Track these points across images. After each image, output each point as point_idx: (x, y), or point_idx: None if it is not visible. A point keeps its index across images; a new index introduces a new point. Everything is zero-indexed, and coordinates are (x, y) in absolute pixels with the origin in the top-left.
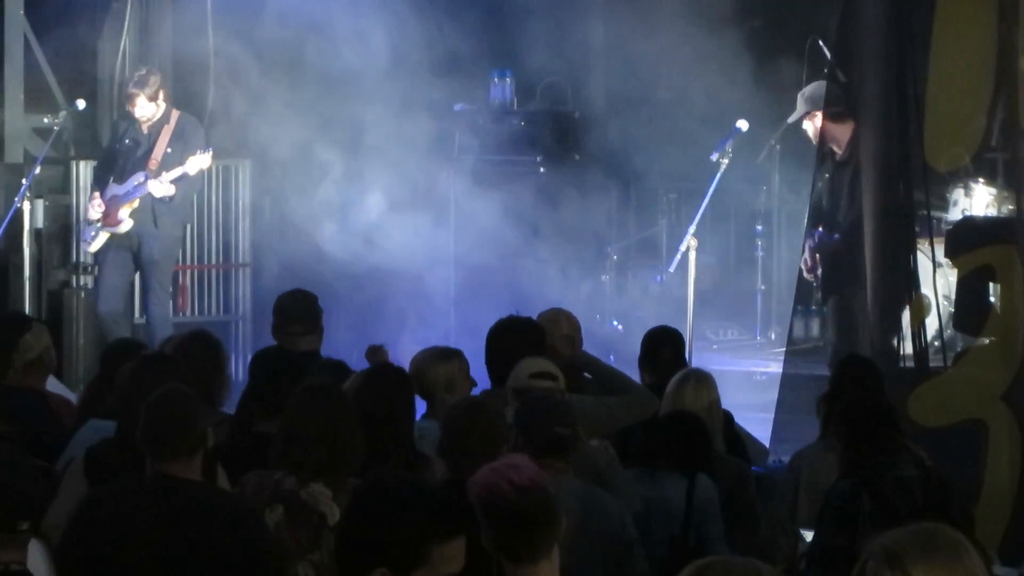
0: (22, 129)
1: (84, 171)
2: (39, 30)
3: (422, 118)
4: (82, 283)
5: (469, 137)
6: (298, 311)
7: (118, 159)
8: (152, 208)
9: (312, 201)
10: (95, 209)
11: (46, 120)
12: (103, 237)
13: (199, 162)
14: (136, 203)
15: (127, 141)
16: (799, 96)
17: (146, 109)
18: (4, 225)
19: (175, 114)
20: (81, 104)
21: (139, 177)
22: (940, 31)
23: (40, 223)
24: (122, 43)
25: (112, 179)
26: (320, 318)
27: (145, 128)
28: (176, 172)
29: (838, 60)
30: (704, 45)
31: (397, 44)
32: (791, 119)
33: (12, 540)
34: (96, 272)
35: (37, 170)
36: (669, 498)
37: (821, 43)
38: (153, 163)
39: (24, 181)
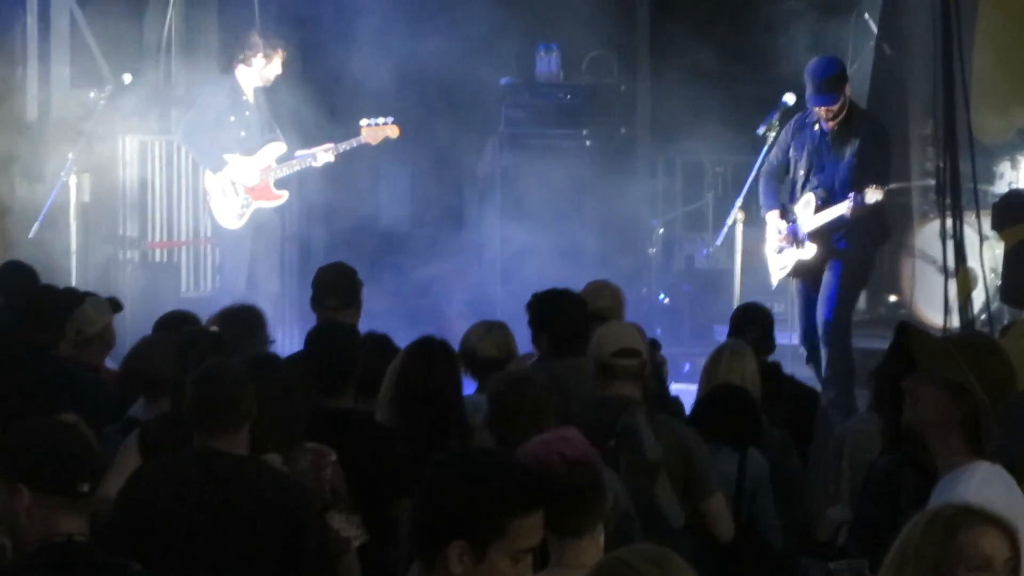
0: (69, 103)
1: (130, 145)
2: (85, 5)
3: (468, 92)
4: (128, 257)
5: (515, 111)
6: (334, 285)
7: (239, 130)
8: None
9: (358, 174)
10: (250, 176)
11: (92, 94)
12: (250, 211)
13: (380, 132)
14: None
15: (246, 113)
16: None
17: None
18: (51, 199)
19: None
20: (127, 78)
21: (277, 148)
22: (986, 6)
23: (86, 198)
24: (168, 17)
25: (238, 152)
26: (358, 293)
27: (252, 96)
28: (353, 142)
29: (884, 34)
30: (750, 18)
31: (445, 17)
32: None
33: (73, 505)
34: (225, 249)
35: (83, 145)
36: (721, 472)
37: (867, 16)
38: (277, 133)
39: (70, 155)
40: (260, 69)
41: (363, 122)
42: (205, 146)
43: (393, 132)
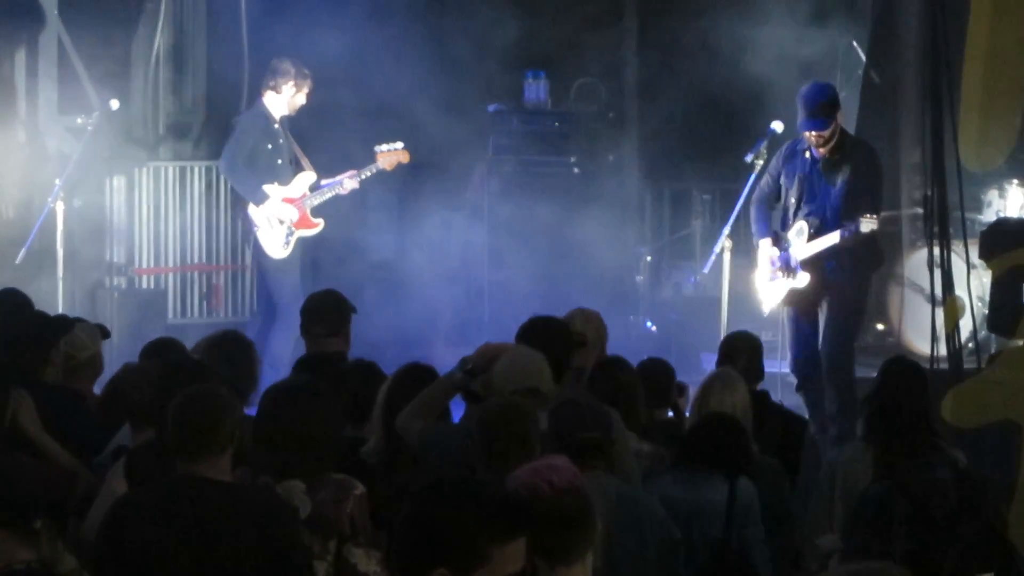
0: (56, 129)
1: (117, 171)
2: (73, 30)
3: (457, 119)
4: (115, 283)
5: (503, 138)
6: (322, 313)
7: (275, 159)
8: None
9: (346, 200)
10: (287, 210)
11: (80, 120)
12: (294, 240)
13: (395, 157)
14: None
15: (280, 141)
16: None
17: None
18: (38, 225)
19: None
20: (115, 104)
21: (308, 177)
22: (974, 32)
23: (73, 224)
24: (156, 43)
25: (275, 181)
26: (347, 320)
27: (279, 125)
28: (372, 168)
29: (873, 62)
30: (739, 46)
31: (432, 45)
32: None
33: (27, 540)
34: (275, 276)
35: (70, 170)
36: (710, 501)
37: (855, 44)
38: (305, 162)
39: (57, 181)
40: (289, 97)
41: (378, 148)
42: (247, 179)
43: (404, 157)
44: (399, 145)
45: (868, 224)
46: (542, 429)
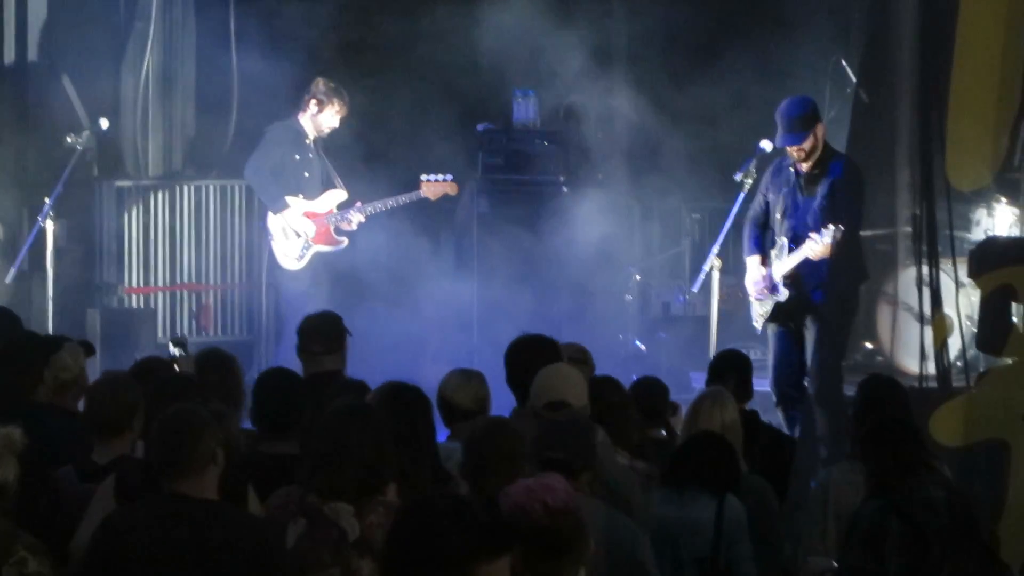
0: (45, 148)
1: (107, 190)
2: (62, 49)
3: (446, 138)
4: (105, 302)
5: (492, 157)
6: (319, 331)
7: (302, 171)
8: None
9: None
10: (305, 224)
11: (69, 139)
12: (310, 254)
13: (440, 188)
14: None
15: (310, 155)
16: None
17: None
18: (27, 245)
19: None
20: (104, 124)
21: (339, 195)
22: (962, 50)
23: (63, 243)
24: (145, 63)
25: (300, 194)
26: (343, 339)
27: (310, 140)
28: (413, 195)
29: (863, 81)
30: (727, 65)
31: (421, 64)
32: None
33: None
34: (289, 290)
35: (60, 189)
36: (698, 519)
37: (844, 63)
38: (338, 181)
39: (47, 200)
40: (312, 116)
41: (424, 177)
42: (269, 186)
43: (452, 190)
44: (448, 177)
45: (829, 234)
46: None
